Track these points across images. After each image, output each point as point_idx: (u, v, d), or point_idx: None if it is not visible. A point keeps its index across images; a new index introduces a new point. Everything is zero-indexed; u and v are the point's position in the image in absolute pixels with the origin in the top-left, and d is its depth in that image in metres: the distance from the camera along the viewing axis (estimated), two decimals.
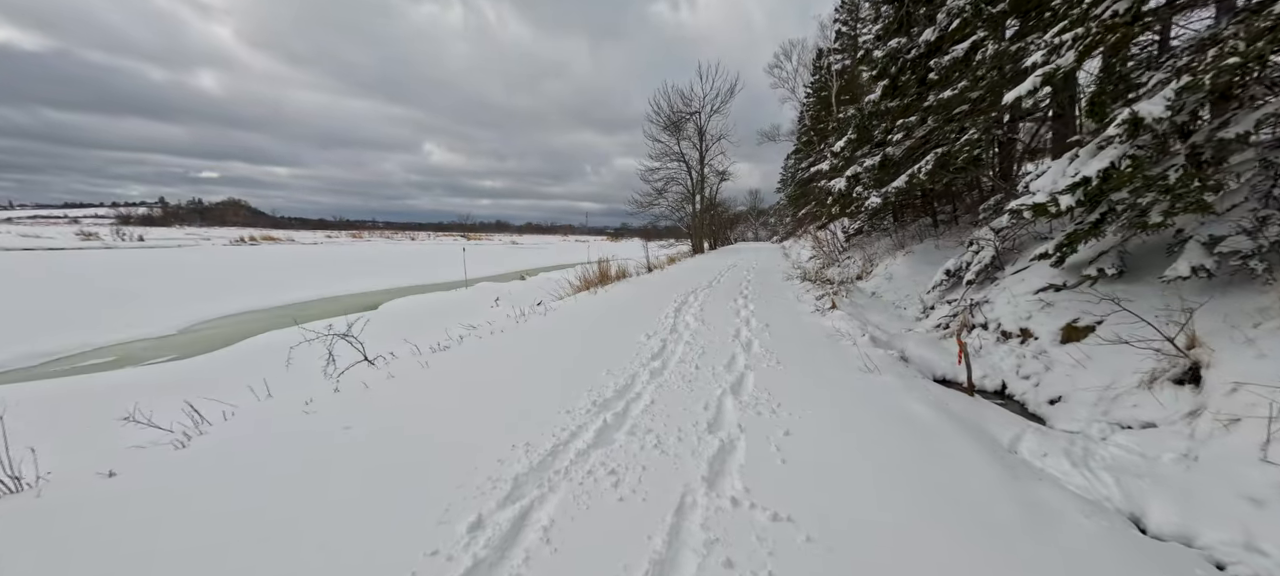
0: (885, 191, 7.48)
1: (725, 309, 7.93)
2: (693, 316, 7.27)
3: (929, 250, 9.53)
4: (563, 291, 11.32)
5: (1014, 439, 3.44)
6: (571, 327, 6.64)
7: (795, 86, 33.72)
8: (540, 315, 7.58)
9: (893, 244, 11.96)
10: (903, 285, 8.91)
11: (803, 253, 23.46)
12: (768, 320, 6.94)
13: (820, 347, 5.47)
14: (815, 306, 8.01)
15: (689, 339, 5.84)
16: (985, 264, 6.55)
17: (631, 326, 6.55)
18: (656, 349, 5.33)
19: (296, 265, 26.16)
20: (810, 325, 6.73)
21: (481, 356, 5.25)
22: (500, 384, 4.26)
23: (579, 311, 8.00)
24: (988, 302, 6.14)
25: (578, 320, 7.19)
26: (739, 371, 4.50)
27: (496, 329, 6.56)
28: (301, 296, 15.46)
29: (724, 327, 6.47)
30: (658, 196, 27.89)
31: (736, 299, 9.07)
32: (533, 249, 63.46)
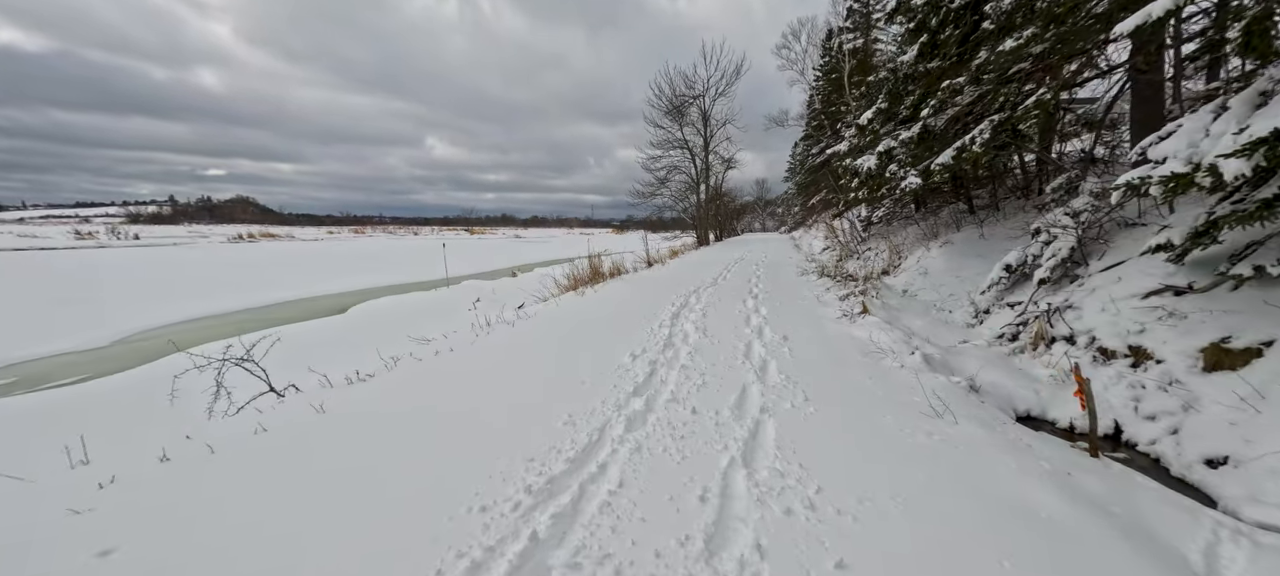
0: (929, 167, 6.10)
1: (732, 314, 6.61)
2: (693, 325, 5.96)
3: (971, 240, 8.14)
4: (552, 290, 10.05)
5: (1207, 550, 2.12)
6: (542, 343, 5.36)
7: (804, 68, 32.02)
8: (509, 325, 6.30)
9: (922, 233, 10.55)
10: (942, 281, 7.53)
11: (814, 243, 22.01)
12: (785, 330, 5.61)
13: (858, 372, 4.14)
14: (841, 310, 6.66)
15: (686, 360, 4.53)
16: (1061, 258, 5.17)
17: (617, 340, 5.26)
18: (642, 377, 4.03)
19: (283, 264, 25.09)
20: (838, 336, 5.40)
21: (401, 395, 3.99)
22: (395, 461, 2.98)
23: (559, 318, 6.71)
24: (1071, 308, 4.78)
25: (553, 331, 5.91)
26: (752, 419, 3.19)
27: (448, 348, 5.29)
28: (274, 298, 14.33)
29: (731, 341, 5.16)
30: (660, 186, 26.44)
31: (745, 299, 7.74)
32: (536, 243, 62.34)
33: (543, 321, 6.52)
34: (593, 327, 6.01)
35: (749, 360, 4.50)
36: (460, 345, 5.34)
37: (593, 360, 4.58)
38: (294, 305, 13.36)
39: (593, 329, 5.93)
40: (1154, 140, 3.74)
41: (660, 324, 6.01)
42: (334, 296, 14.43)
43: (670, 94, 25.09)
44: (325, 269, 22.65)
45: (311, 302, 13.53)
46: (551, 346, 5.16)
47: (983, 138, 5.55)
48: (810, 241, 23.46)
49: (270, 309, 12.80)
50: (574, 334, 5.70)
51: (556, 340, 5.43)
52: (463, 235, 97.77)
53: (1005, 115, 5.81)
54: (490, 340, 5.57)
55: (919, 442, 2.83)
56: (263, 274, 20.63)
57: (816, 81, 32.04)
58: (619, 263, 12.63)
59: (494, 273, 19.73)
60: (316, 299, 14.21)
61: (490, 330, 6.12)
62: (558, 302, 8.08)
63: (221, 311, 12.11)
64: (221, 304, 12.81)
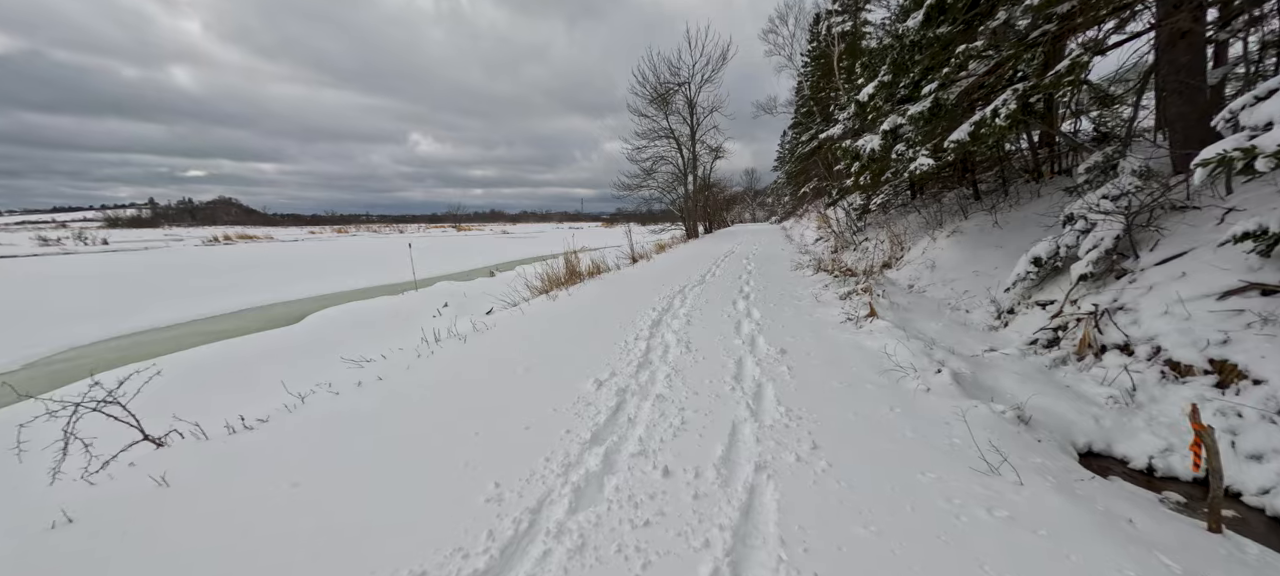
0: (942, 146, 5.28)
1: (721, 319, 5.78)
2: (675, 335, 5.12)
3: (984, 228, 7.36)
4: (524, 293, 9.15)
5: None
6: (493, 365, 4.49)
7: (792, 53, 31.17)
8: (461, 341, 5.41)
9: (925, 222, 9.78)
10: (954, 276, 6.76)
11: (807, 233, 21.29)
12: (782, 340, 4.79)
13: (876, 400, 3.33)
14: (844, 312, 5.85)
15: (664, 386, 3.69)
16: (1104, 248, 4.39)
17: (583, 358, 4.41)
18: (605, 415, 3.18)
19: (252, 267, 23.86)
20: (844, 347, 4.58)
21: (279, 459, 3.10)
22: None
23: (521, 330, 5.84)
24: (1123, 309, 4.00)
25: (510, 348, 5.04)
26: (745, 484, 2.35)
27: (376, 376, 4.39)
28: (231, 305, 13.27)
29: (719, 357, 4.32)
30: (646, 177, 25.48)
31: (736, 301, 6.91)
32: (523, 239, 61.12)
33: (501, 334, 5.64)
34: (558, 341, 5.14)
35: (740, 385, 3.66)
36: (392, 371, 4.44)
37: (549, 389, 3.72)
38: (249, 314, 12.32)
39: (558, 343, 5.06)
40: (1249, 101, 2.94)
41: (637, 335, 5.16)
42: (295, 303, 13.40)
43: (654, 81, 24.12)
44: (296, 272, 21.51)
45: (268, 310, 12.50)
46: (502, 370, 4.29)
47: (1008, 109, 4.73)
48: (802, 231, 22.72)
49: (221, 319, 11.77)
50: (534, 351, 4.83)
51: (511, 360, 4.56)
52: (450, 232, 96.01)
53: (1030, 83, 5.00)
54: (433, 362, 4.68)
55: (979, 521, 2.01)
56: (227, 279, 19.47)
57: (805, 67, 31.23)
58: (600, 260, 11.75)
59: (471, 273, 18.76)
60: (275, 306, 13.17)
61: (438, 347, 5.23)
62: (523, 310, 7.20)
63: (165, 323, 11.07)
64: (169, 314, 11.76)
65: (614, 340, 5.03)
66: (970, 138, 5.23)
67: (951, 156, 5.50)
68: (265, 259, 29.79)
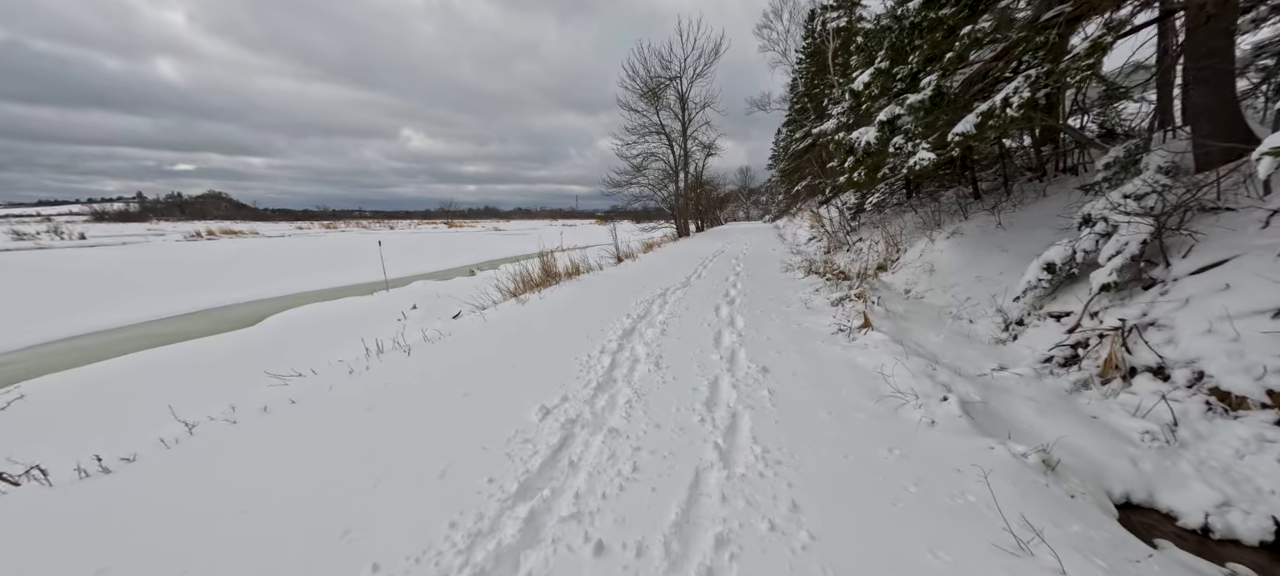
0: (945, 139, 4.72)
1: (700, 329, 5.22)
2: (647, 348, 4.55)
3: (986, 230, 6.84)
4: (495, 296, 8.56)
5: None
6: (433, 384, 3.90)
7: (787, 49, 30.66)
8: (406, 354, 4.81)
9: (921, 222, 9.26)
10: (954, 280, 6.23)
11: (799, 232, 20.78)
12: (765, 356, 4.23)
13: (871, 437, 2.78)
14: (836, 321, 5.31)
15: (622, 415, 3.12)
16: (1130, 254, 3.86)
17: (537, 376, 3.84)
18: (542, 459, 2.61)
19: (228, 264, 23.04)
20: (836, 364, 4.03)
21: (113, 521, 2.51)
22: None
23: (479, 338, 5.25)
24: (1154, 325, 3.47)
25: (458, 361, 4.45)
26: (700, 566, 1.79)
27: (293, 399, 3.79)
28: (192, 305, 12.57)
29: (692, 377, 3.76)
30: (636, 174, 24.85)
31: (719, 307, 6.35)
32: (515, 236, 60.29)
33: (453, 346, 5.05)
34: (514, 354, 4.55)
35: (712, 414, 3.10)
36: (313, 393, 3.84)
37: (486, 418, 3.14)
38: (213, 314, 11.63)
39: (513, 357, 4.48)
40: None
41: (603, 348, 4.58)
42: (262, 302, 12.71)
43: (645, 75, 23.48)
44: (274, 269, 20.75)
45: (232, 311, 11.82)
46: (439, 392, 3.70)
47: (1021, 98, 4.18)
48: (795, 230, 22.23)
49: (180, 319, 11.08)
50: (483, 367, 4.24)
51: (455, 378, 3.97)
52: (441, 228, 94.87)
53: (1043, 70, 4.46)
54: (366, 380, 4.09)
55: None
56: (201, 276, 18.69)
57: (799, 63, 30.71)
58: (581, 260, 11.16)
59: (451, 271, 18.09)
60: (241, 305, 12.48)
61: (380, 360, 4.63)
62: (486, 316, 6.60)
63: (117, 325, 10.37)
64: (125, 314, 11.05)
65: (577, 353, 4.45)
66: (976, 130, 4.68)
67: (955, 151, 4.95)
68: (245, 255, 28.92)
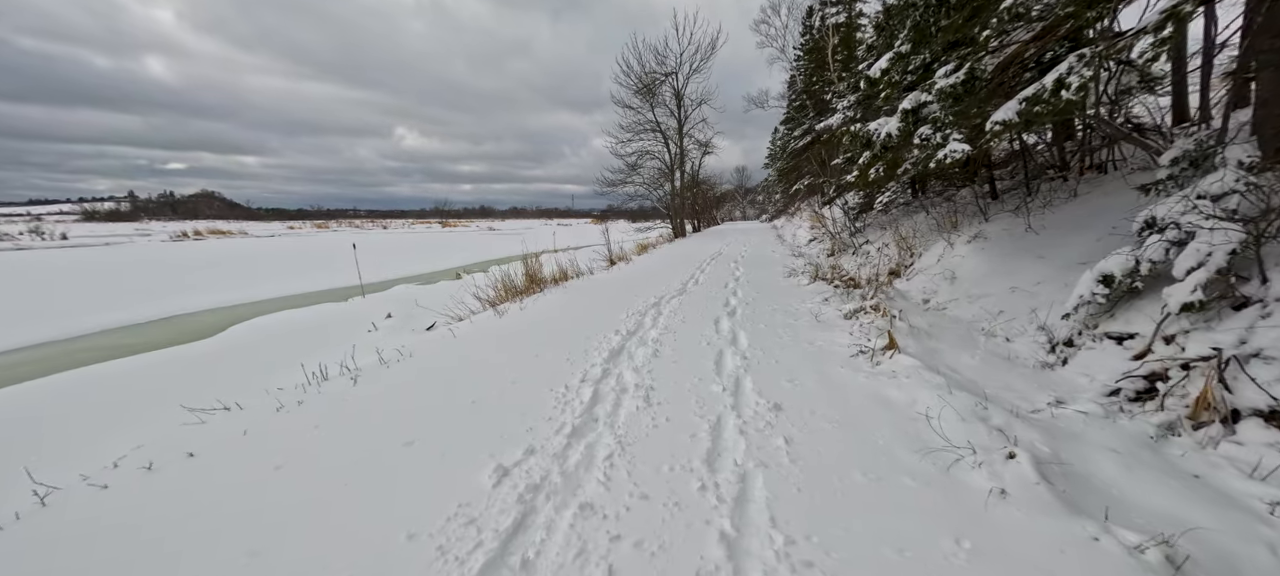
0: (985, 127, 4.05)
1: (699, 349, 4.54)
2: (636, 375, 3.87)
3: (1014, 233, 6.19)
4: (474, 305, 7.86)
5: None
6: (372, 427, 3.20)
7: (785, 45, 30.02)
8: (352, 382, 4.10)
9: (934, 224, 8.61)
10: (982, 290, 5.57)
11: (799, 233, 20.14)
12: (777, 387, 3.56)
13: (925, 518, 2.10)
14: (853, 339, 4.64)
15: (598, 485, 2.44)
16: (1218, 267, 3.20)
17: (501, 416, 3.15)
18: (485, 558, 1.92)
19: (209, 266, 22.19)
20: (862, 397, 3.36)
21: None
22: None
23: (444, 360, 4.56)
24: (1259, 356, 2.81)
25: (412, 395, 3.75)
26: None
27: (197, 449, 3.09)
28: (156, 312, 11.80)
29: (689, 418, 3.08)
30: (631, 172, 24.15)
31: (719, 321, 5.68)
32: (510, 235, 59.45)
33: (412, 369, 4.35)
34: (478, 381, 3.86)
35: (714, 478, 2.42)
36: (224, 441, 3.14)
37: (426, 482, 2.45)
38: (171, 323, 10.86)
39: (476, 385, 3.78)
40: None
41: (585, 376, 3.90)
42: (229, 309, 11.94)
43: (640, 71, 22.78)
44: (256, 271, 19.94)
45: (194, 319, 11.04)
46: (379, 437, 3.01)
47: (1080, 78, 3.51)
48: (794, 231, 21.60)
49: (133, 330, 10.32)
50: (436, 402, 3.55)
51: (401, 419, 3.28)
52: (435, 228, 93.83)
53: (1099, 49, 3.80)
54: (294, 417, 3.39)
55: None
56: (178, 279, 17.86)
57: (798, 60, 30.08)
58: (571, 263, 10.46)
59: (437, 274, 17.35)
60: (205, 313, 11.71)
61: (319, 390, 3.92)
62: (455, 331, 5.90)
63: (65, 336, 9.60)
64: (70, 325, 10.28)
65: (553, 383, 3.76)
66: (1020, 117, 4.02)
67: (993, 142, 4.30)
68: (230, 256, 28.08)
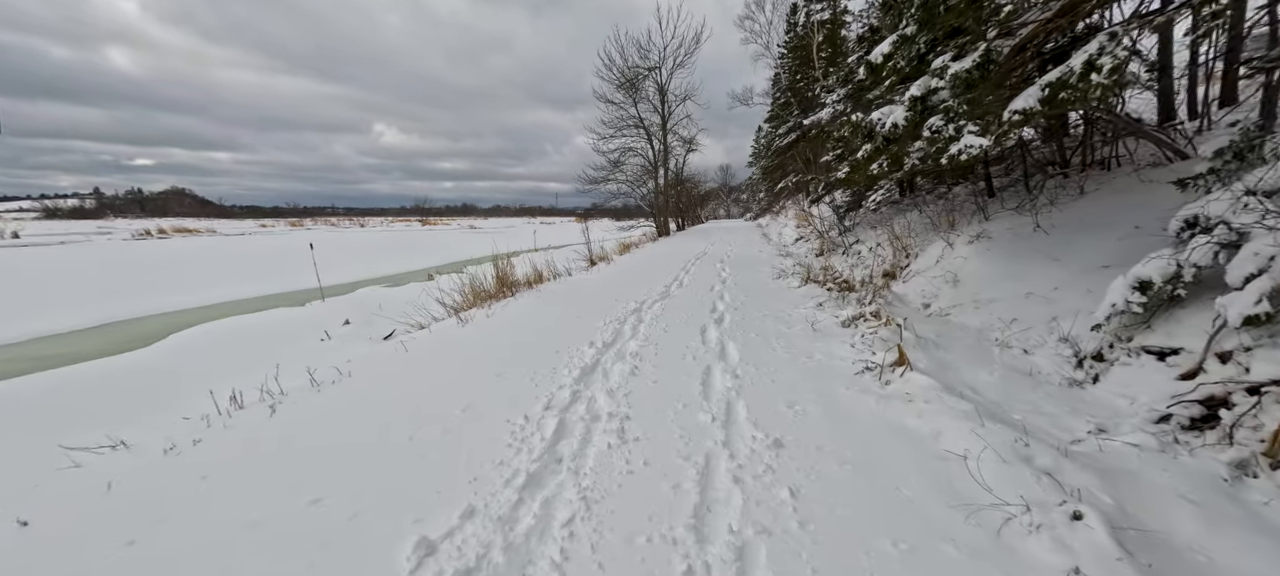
0: (1003, 116, 3.58)
1: (683, 365, 3.98)
2: (611, 397, 3.31)
3: (1021, 233, 5.77)
4: (454, 301, 7.19)
5: None
6: (271, 479, 2.58)
7: (769, 42, 29.73)
8: (270, 410, 3.45)
9: (929, 223, 8.21)
10: (990, 295, 5.14)
11: (785, 231, 19.77)
12: (774, 414, 3.02)
13: None
14: (856, 351, 4.14)
15: (564, 547, 1.86)
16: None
17: (443, 460, 2.56)
18: None
19: (168, 266, 20.93)
20: (878, 430, 2.84)
21: None
22: None
23: (382, 388, 3.93)
24: None
25: (336, 429, 3.13)
26: None
27: (30, 517, 2.44)
28: (93, 317, 10.84)
29: (672, 460, 2.53)
30: (614, 169, 23.52)
31: (706, 329, 5.15)
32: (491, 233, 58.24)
33: (348, 394, 3.71)
34: (423, 411, 3.25)
35: (703, 555, 1.86)
36: (84, 492, 2.49)
37: (319, 566, 1.85)
38: (108, 331, 9.93)
39: (419, 417, 3.17)
40: None
41: (549, 402, 3.32)
42: (176, 315, 11.03)
43: (622, 65, 22.17)
44: (210, 272, 18.82)
45: (135, 326, 10.13)
46: (277, 495, 2.39)
47: (1114, 59, 3.06)
48: (780, 229, 21.23)
49: (61, 338, 9.39)
50: (372, 433, 2.93)
51: (315, 462, 2.66)
52: (415, 226, 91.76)
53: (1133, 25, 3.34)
54: (185, 461, 2.74)
55: None
56: (128, 281, 16.70)
57: (782, 57, 29.80)
58: (548, 264, 9.84)
59: (406, 276, 16.52)
60: (148, 319, 10.78)
61: (227, 424, 3.27)
62: (407, 346, 5.26)
63: None
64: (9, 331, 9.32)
65: (512, 410, 3.17)
66: (1042, 104, 3.56)
67: (1013, 133, 3.83)
68: (192, 256, 26.68)
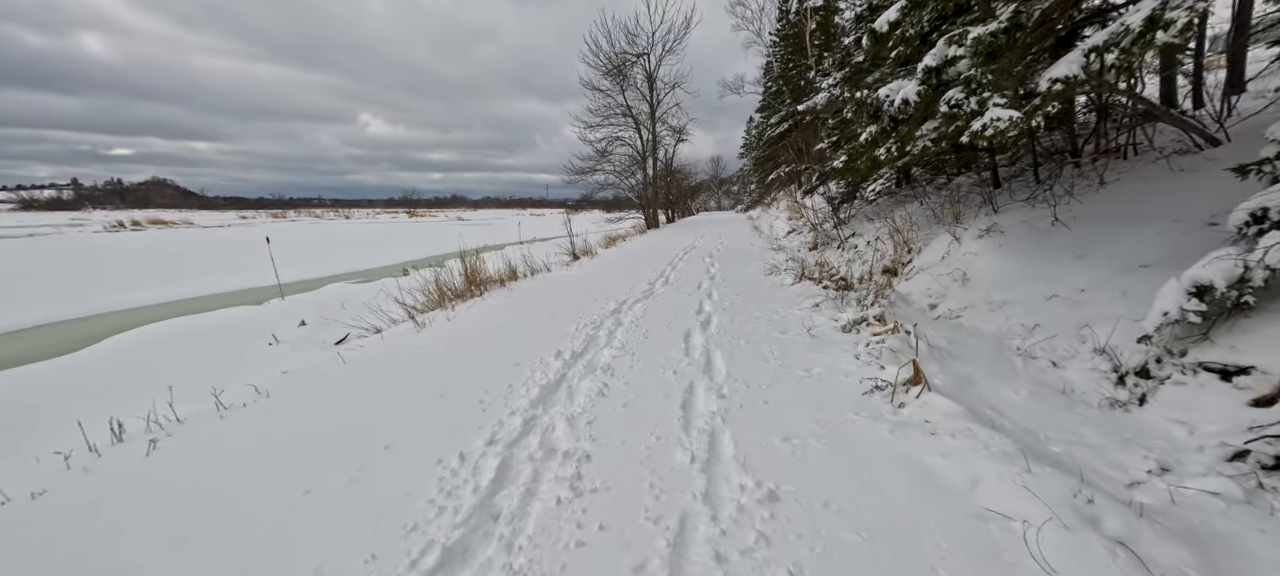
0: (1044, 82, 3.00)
1: (662, 381, 3.41)
2: (571, 431, 2.73)
3: (1037, 228, 5.25)
4: (417, 301, 6.56)
5: None
6: (128, 543, 1.96)
7: (762, 28, 29.03)
8: (168, 436, 2.83)
9: (931, 215, 7.69)
10: (1005, 296, 4.61)
11: (777, 224, 19.25)
12: (770, 456, 2.45)
13: None
14: (861, 365, 3.59)
15: None
16: None
17: (356, 506, 1.96)
18: None
19: (123, 261, 19.95)
20: (899, 476, 2.29)
21: None
22: None
23: (310, 409, 3.31)
24: None
25: (242, 462, 2.51)
26: None
27: None
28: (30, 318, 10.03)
29: (639, 521, 1.95)
30: (600, 159, 22.79)
31: (690, 335, 4.58)
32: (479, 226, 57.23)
33: (252, 423, 3.09)
34: (341, 445, 2.65)
35: None
36: None
37: None
38: (43, 332, 9.15)
39: (334, 453, 2.57)
40: None
41: (494, 436, 2.72)
42: (124, 314, 10.26)
43: (609, 50, 21.39)
44: (172, 267, 17.92)
45: (77, 326, 9.35)
46: (169, 546, 1.78)
47: (1192, 9, 2.50)
48: (771, 221, 20.72)
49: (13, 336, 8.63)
50: (267, 488, 2.33)
51: (165, 533, 2.05)
52: (402, 218, 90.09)
53: None
54: (16, 514, 2.11)
55: None
56: (85, 277, 15.78)
57: (774, 45, 29.14)
58: (526, 257, 9.21)
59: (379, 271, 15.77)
60: (94, 319, 10.00)
61: (89, 466, 2.64)
62: (344, 357, 4.63)
63: None
64: None
65: (447, 446, 2.58)
66: (1084, 72, 2.99)
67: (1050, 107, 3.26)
68: (162, 249, 25.62)
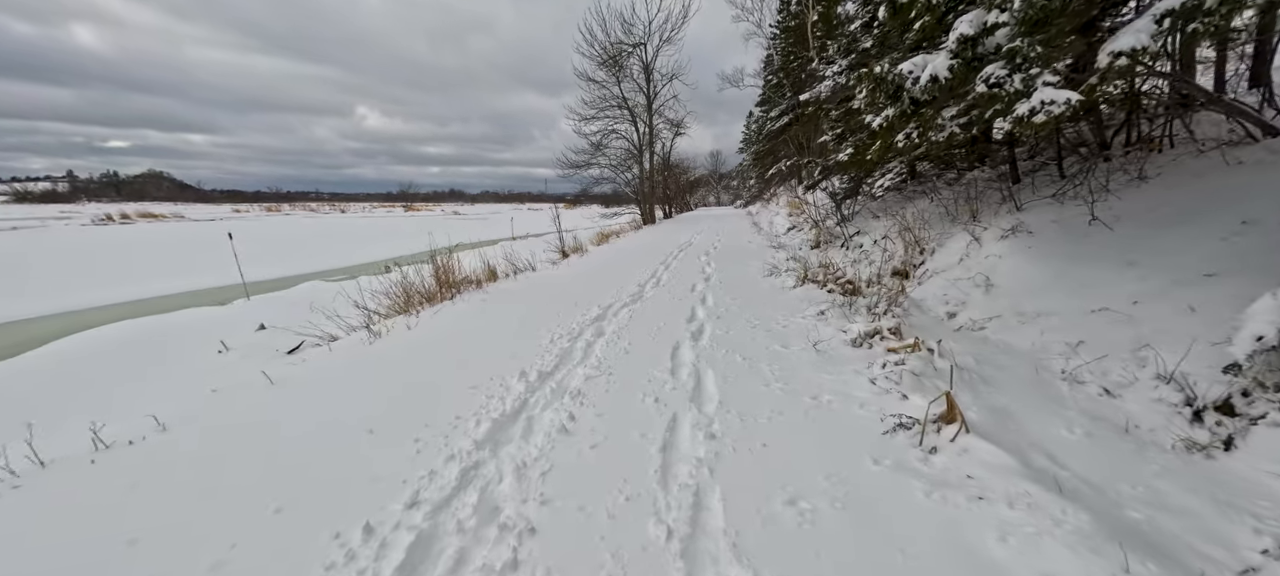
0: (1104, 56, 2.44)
1: (642, 413, 2.83)
2: (517, 488, 2.15)
3: (1071, 228, 4.67)
4: (379, 306, 5.99)
5: None
6: None
7: (762, 19, 28.32)
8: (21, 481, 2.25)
9: (944, 213, 7.11)
10: (1038, 306, 4.04)
11: (777, 220, 18.66)
12: (768, 538, 1.87)
13: None
14: (878, 392, 3.01)
15: None
16: None
17: None
18: None
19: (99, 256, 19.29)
20: (930, 552, 1.71)
21: None
22: None
23: (188, 452, 2.74)
24: None
25: (107, 518, 1.93)
26: None
27: None
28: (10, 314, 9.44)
29: None
30: (596, 153, 22.12)
31: (679, 348, 4.00)
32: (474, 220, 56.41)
33: (129, 467, 2.51)
34: (223, 502, 2.07)
35: None
36: None
37: None
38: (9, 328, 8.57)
39: (211, 514, 2.00)
40: None
41: (417, 494, 2.15)
42: (82, 313, 9.66)
43: (605, 40, 20.69)
44: (148, 263, 17.26)
45: (27, 327, 8.77)
46: None
47: None
48: (771, 217, 20.12)
49: None
50: (125, 558, 1.75)
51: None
52: (398, 212, 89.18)
53: None
54: None
55: None
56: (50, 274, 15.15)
57: (774, 37, 28.45)
58: (505, 258, 8.62)
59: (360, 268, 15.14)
60: (47, 319, 9.40)
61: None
62: (280, 376, 4.05)
63: None
64: None
65: (352, 517, 2.00)
66: (1155, 40, 2.41)
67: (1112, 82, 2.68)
68: (145, 243, 24.95)
